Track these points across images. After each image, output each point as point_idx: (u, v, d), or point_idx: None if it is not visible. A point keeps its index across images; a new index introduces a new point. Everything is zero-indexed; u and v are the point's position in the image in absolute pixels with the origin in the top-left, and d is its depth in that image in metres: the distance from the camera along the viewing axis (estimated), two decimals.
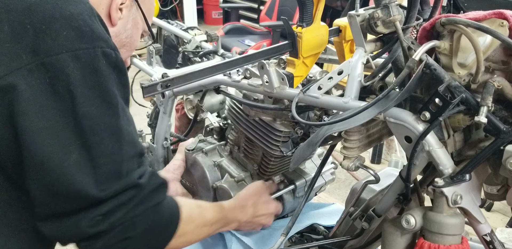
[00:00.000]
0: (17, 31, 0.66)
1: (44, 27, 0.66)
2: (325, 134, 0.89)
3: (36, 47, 0.66)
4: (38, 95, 0.65)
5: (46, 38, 0.66)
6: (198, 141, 1.34)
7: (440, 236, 0.81)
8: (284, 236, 1.08)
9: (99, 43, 0.70)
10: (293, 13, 3.72)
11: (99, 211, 0.69)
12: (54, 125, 0.67)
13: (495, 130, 0.74)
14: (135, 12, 0.89)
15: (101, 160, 0.69)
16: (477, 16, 0.76)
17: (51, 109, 0.66)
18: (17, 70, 0.65)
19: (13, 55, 0.65)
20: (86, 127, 0.68)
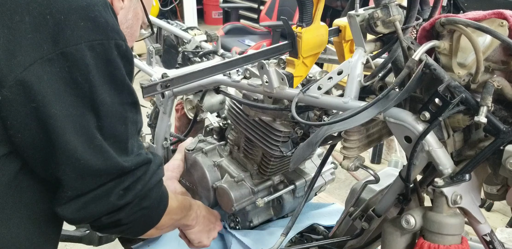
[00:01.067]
0: (38, 21, 0.68)
1: (63, 18, 0.69)
2: (324, 134, 0.89)
3: (56, 37, 0.68)
4: (59, 83, 0.69)
5: (66, 28, 0.69)
6: (198, 141, 1.34)
7: (440, 236, 0.81)
8: (284, 236, 1.07)
9: (112, 34, 0.74)
10: (293, 13, 3.72)
11: (123, 185, 0.77)
12: (76, 111, 0.71)
13: (494, 130, 0.74)
14: (135, 3, 0.92)
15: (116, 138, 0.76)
16: (476, 16, 0.75)
17: (72, 96, 0.70)
18: (39, 59, 0.68)
19: (35, 46, 0.68)
20: (102, 112, 0.74)
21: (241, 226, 1.36)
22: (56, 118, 0.69)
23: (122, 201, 0.78)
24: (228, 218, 1.40)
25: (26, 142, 0.71)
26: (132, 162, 0.78)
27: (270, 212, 1.36)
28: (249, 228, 1.35)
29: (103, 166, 0.74)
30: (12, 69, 0.67)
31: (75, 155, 0.72)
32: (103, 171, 0.74)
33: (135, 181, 0.79)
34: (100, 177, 0.75)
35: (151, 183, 0.82)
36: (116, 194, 0.77)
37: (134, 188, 0.79)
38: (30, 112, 0.69)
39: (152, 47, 1.60)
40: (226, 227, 1.40)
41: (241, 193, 1.24)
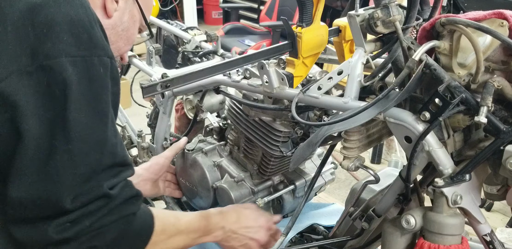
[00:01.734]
0: (19, 32, 0.66)
1: (45, 31, 0.66)
2: (324, 134, 0.89)
3: (36, 49, 0.66)
4: (35, 97, 0.66)
5: (47, 41, 0.66)
6: (198, 141, 1.34)
7: (440, 236, 0.81)
8: (284, 236, 1.08)
9: (96, 51, 0.70)
10: (293, 13, 3.72)
11: (67, 219, 0.70)
12: (46, 129, 0.67)
13: (495, 130, 0.74)
14: (131, 5, 0.89)
15: (81, 167, 0.70)
16: (477, 16, 0.75)
17: (47, 111, 0.67)
18: (17, 72, 0.65)
19: (14, 57, 0.65)
20: (72, 133, 0.68)
21: None
22: (24, 132, 0.66)
23: (61, 235, 0.69)
24: None
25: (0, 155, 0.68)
26: (84, 198, 0.70)
27: (270, 212, 1.36)
28: None
29: (41, 197, 0.68)
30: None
31: (21, 176, 0.67)
32: (41, 202, 0.68)
33: (83, 215, 0.70)
34: (37, 207, 0.68)
35: (105, 221, 0.73)
36: (56, 226, 0.69)
37: (81, 223, 0.70)
38: (4, 122, 0.66)
39: (152, 47, 1.60)
40: None
41: (241, 193, 1.24)
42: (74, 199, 0.69)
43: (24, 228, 0.70)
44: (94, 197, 0.71)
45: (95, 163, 0.71)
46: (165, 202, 1.60)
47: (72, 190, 0.69)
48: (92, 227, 0.72)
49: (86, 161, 0.70)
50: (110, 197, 0.73)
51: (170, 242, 0.89)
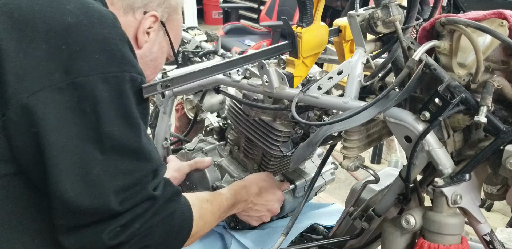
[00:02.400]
0: (53, 50, 0.69)
1: (79, 49, 0.69)
2: (324, 134, 0.89)
3: (68, 67, 0.68)
4: (65, 112, 0.68)
5: (79, 59, 0.69)
6: (198, 141, 1.34)
7: (439, 236, 0.81)
8: (284, 236, 1.07)
9: (127, 67, 0.73)
10: (293, 13, 3.72)
11: (118, 223, 0.72)
12: (77, 142, 0.69)
13: (494, 130, 0.74)
14: (162, 36, 0.93)
15: (121, 176, 0.72)
16: (477, 16, 0.75)
17: (76, 127, 0.69)
18: (48, 87, 0.68)
19: (46, 73, 0.68)
20: (107, 145, 0.71)
21: (240, 226, 1.36)
22: (54, 147, 0.68)
23: (115, 240, 0.72)
24: (228, 218, 1.40)
25: (28, 164, 0.71)
26: (131, 201, 0.73)
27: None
28: (248, 228, 1.35)
29: (91, 204, 0.70)
30: (19, 92, 0.67)
31: (63, 187, 0.69)
32: (92, 209, 0.70)
33: (133, 218, 0.73)
34: (89, 214, 0.71)
35: (154, 221, 0.76)
36: (109, 232, 0.72)
37: (131, 226, 0.74)
38: (31, 136, 0.68)
39: None
40: (225, 227, 1.40)
41: None
42: (121, 202, 0.72)
43: (76, 237, 0.72)
44: (140, 200, 0.74)
45: (135, 169, 0.74)
46: None
47: (118, 195, 0.72)
48: (142, 228, 0.75)
49: (126, 169, 0.73)
50: (155, 198, 0.76)
51: (207, 226, 0.95)
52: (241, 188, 1.12)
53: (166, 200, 0.79)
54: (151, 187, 0.76)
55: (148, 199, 0.76)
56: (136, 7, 0.89)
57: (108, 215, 0.71)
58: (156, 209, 0.77)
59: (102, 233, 0.71)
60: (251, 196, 1.11)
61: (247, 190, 1.12)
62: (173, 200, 0.81)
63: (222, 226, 1.42)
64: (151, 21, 0.91)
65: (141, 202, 0.75)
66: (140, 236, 0.75)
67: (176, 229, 0.82)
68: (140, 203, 0.75)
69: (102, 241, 0.71)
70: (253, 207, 1.13)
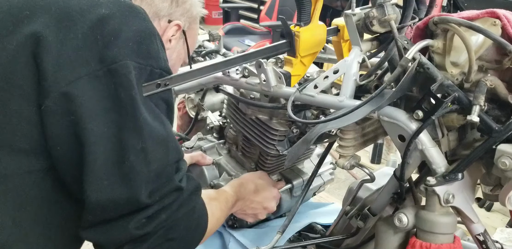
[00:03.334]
0: (89, 40, 0.71)
1: (113, 39, 0.72)
2: (319, 132, 0.89)
3: (104, 55, 0.71)
4: (103, 100, 0.70)
5: (113, 47, 0.71)
6: (197, 139, 1.35)
7: (432, 235, 0.81)
8: (280, 234, 1.08)
9: (150, 61, 0.75)
10: (293, 13, 3.72)
11: (145, 214, 0.73)
12: (115, 129, 0.70)
13: (487, 129, 0.74)
14: (181, 44, 0.96)
15: (153, 164, 0.73)
16: (470, 15, 0.76)
17: (114, 113, 0.70)
18: (85, 76, 0.70)
19: (83, 62, 0.70)
20: (144, 132, 0.72)
21: (238, 224, 1.36)
22: (91, 134, 0.69)
23: (141, 230, 0.73)
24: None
25: (63, 156, 0.72)
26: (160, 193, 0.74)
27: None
28: (246, 226, 1.36)
29: (123, 194, 0.71)
30: (58, 81, 0.69)
31: (97, 175, 0.70)
32: (122, 199, 0.71)
33: (160, 209, 0.74)
34: (119, 206, 0.71)
35: (179, 213, 0.77)
36: (136, 222, 0.72)
37: (158, 217, 0.74)
38: (69, 124, 0.70)
39: None
40: (224, 225, 1.40)
41: None
42: (150, 194, 0.73)
43: (102, 230, 0.73)
44: (169, 191, 0.76)
45: (165, 159, 0.75)
46: None
47: (148, 186, 0.73)
48: (169, 220, 0.76)
49: (157, 158, 0.74)
50: (181, 190, 0.78)
51: (218, 223, 0.97)
52: (239, 185, 1.13)
53: (190, 193, 0.80)
54: (177, 179, 0.77)
55: (175, 190, 0.77)
56: (162, 15, 0.92)
57: (136, 207, 0.72)
58: (181, 201, 0.77)
59: (128, 223, 0.72)
60: (248, 194, 1.12)
61: (245, 188, 1.13)
62: (196, 193, 0.82)
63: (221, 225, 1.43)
64: (174, 29, 0.94)
65: (169, 193, 0.75)
66: (166, 228, 0.75)
67: (195, 224, 0.83)
68: (168, 194, 0.75)
69: (128, 231, 0.72)
70: (250, 205, 1.14)
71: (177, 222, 0.77)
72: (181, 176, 0.79)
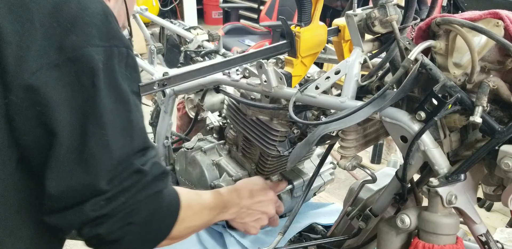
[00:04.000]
0: (46, 29, 0.70)
1: (69, 25, 0.70)
2: (321, 133, 0.89)
3: (62, 44, 0.69)
4: (65, 89, 0.69)
5: (71, 34, 0.70)
6: (198, 140, 1.35)
7: (434, 236, 0.81)
8: (281, 235, 1.08)
9: (114, 41, 0.74)
10: (293, 13, 3.71)
11: (103, 196, 0.72)
12: (79, 117, 0.70)
13: (490, 130, 0.74)
14: (120, 5, 0.92)
15: (115, 152, 0.72)
16: (472, 16, 0.75)
17: (77, 102, 0.70)
18: (45, 65, 0.68)
19: (43, 52, 0.69)
20: (105, 118, 0.71)
21: None
22: (58, 123, 0.69)
23: (98, 212, 0.71)
24: None
25: (30, 146, 0.72)
26: (120, 178, 0.72)
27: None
28: None
29: (82, 180, 0.70)
30: (20, 74, 0.68)
31: (59, 161, 0.69)
32: (81, 185, 0.70)
33: (118, 192, 0.72)
34: (77, 193, 0.71)
35: (140, 196, 0.75)
36: (93, 204, 0.71)
37: (116, 199, 0.72)
38: (35, 115, 0.69)
39: (153, 46, 1.61)
40: (225, 226, 1.40)
41: None
42: (110, 180, 0.72)
43: (61, 215, 0.72)
44: (129, 174, 0.74)
45: (128, 147, 0.74)
46: None
47: (109, 173, 0.72)
48: (128, 203, 0.74)
49: (119, 145, 0.73)
50: (142, 173, 0.75)
51: (196, 218, 0.92)
52: (231, 190, 1.09)
53: (153, 177, 0.77)
54: (139, 163, 0.75)
55: (136, 173, 0.74)
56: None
57: (95, 193, 0.71)
58: (143, 185, 0.75)
59: (85, 205, 0.70)
60: (243, 199, 1.07)
61: (238, 193, 1.08)
62: (161, 179, 0.79)
63: (221, 225, 1.43)
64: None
65: (129, 176, 0.73)
66: (126, 211, 0.73)
67: (163, 211, 0.81)
68: (128, 178, 0.73)
69: (85, 213, 0.71)
70: (247, 211, 1.08)
71: (138, 206, 0.75)
72: (144, 161, 0.76)
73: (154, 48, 1.60)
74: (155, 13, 5.05)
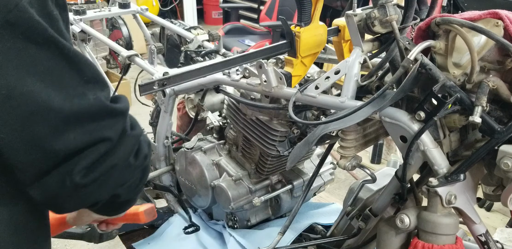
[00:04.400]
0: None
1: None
2: (320, 133, 0.89)
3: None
4: (12, 52, 0.62)
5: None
6: (197, 140, 1.35)
7: (434, 236, 0.81)
8: (281, 234, 1.08)
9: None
10: (293, 13, 3.71)
11: (85, 163, 0.66)
12: (52, 74, 0.64)
13: (489, 130, 0.74)
14: None
15: (85, 104, 0.66)
16: (472, 16, 0.75)
17: (43, 62, 0.64)
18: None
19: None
20: (82, 65, 0.66)
21: (239, 225, 1.36)
22: (17, 87, 0.62)
23: (85, 179, 0.66)
24: (227, 217, 1.41)
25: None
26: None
27: (268, 211, 1.36)
28: (247, 227, 1.36)
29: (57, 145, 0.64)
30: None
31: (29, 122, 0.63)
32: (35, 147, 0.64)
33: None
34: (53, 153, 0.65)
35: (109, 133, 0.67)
36: (77, 172, 0.65)
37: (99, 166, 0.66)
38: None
39: (153, 46, 1.61)
40: (224, 226, 1.40)
41: (238, 192, 1.25)
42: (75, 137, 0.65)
43: (43, 183, 0.66)
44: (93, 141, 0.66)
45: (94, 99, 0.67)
46: (166, 200, 1.61)
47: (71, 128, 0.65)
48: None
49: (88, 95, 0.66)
50: (106, 140, 0.68)
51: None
52: None
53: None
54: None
55: (100, 142, 0.67)
56: None
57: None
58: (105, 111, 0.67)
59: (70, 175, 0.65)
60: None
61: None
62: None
63: (221, 225, 1.43)
64: None
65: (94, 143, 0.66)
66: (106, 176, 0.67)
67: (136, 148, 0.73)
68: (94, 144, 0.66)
69: (74, 182, 0.65)
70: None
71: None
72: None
73: (155, 48, 1.60)
74: (155, 13, 5.04)
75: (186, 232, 1.36)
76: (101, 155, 0.67)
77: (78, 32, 1.89)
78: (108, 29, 2.20)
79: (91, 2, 3.36)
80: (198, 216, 1.52)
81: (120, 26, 2.15)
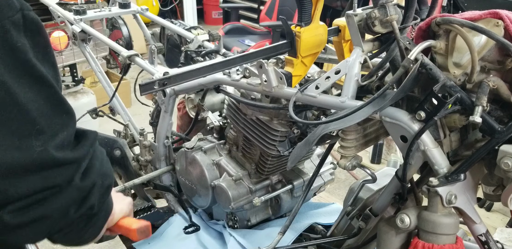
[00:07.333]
0: None
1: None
2: (321, 133, 0.89)
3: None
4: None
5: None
6: (198, 140, 1.35)
7: (434, 236, 0.81)
8: (281, 234, 1.08)
9: (3, 13, 0.60)
10: (293, 13, 3.71)
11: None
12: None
13: (489, 130, 0.74)
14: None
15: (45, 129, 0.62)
16: (472, 16, 0.75)
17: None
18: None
19: None
20: (32, 113, 0.61)
21: (239, 225, 1.36)
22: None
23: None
24: (227, 217, 1.41)
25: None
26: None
27: (268, 211, 1.36)
28: (247, 227, 1.36)
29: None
30: None
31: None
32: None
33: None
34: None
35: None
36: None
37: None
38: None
39: (154, 46, 1.61)
40: (225, 226, 1.40)
41: (239, 191, 1.25)
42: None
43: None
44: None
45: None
46: (166, 200, 1.61)
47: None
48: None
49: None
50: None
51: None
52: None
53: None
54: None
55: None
56: None
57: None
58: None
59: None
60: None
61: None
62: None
63: (221, 225, 1.43)
64: None
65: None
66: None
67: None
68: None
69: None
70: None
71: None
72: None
73: (155, 48, 1.60)
74: (155, 13, 5.05)
75: (186, 232, 1.36)
76: (35, 201, 0.62)
77: (79, 32, 1.89)
78: (108, 29, 2.20)
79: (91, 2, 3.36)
80: (198, 216, 1.52)
81: (120, 26, 2.15)
